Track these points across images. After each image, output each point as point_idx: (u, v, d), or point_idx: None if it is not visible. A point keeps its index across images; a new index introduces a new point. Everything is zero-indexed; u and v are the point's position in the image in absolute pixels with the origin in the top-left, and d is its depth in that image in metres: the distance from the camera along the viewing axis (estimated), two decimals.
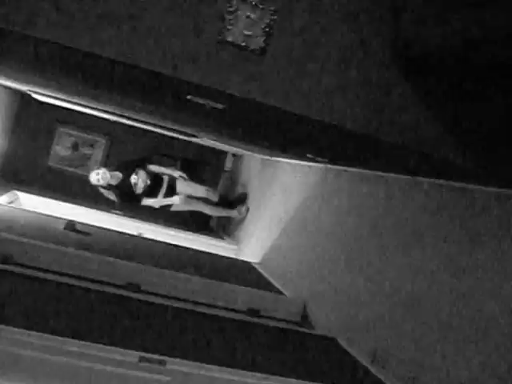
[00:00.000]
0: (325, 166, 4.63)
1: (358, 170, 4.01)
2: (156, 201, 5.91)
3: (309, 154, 3.96)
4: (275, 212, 5.57)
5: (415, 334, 2.83)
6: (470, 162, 2.16)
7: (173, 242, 5.75)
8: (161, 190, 5.91)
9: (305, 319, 4.05)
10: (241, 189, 6.74)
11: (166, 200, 5.93)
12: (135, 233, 5.76)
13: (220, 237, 7.49)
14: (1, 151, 7.56)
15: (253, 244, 6.07)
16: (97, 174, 5.73)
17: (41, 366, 2.25)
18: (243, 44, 1.83)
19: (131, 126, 7.53)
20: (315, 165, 4.84)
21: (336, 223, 4.11)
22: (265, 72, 1.89)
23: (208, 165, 8.16)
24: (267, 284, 4.67)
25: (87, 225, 5.19)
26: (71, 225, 4.84)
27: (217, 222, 8.54)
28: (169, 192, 5.96)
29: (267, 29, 1.84)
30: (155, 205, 5.94)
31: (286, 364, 2.90)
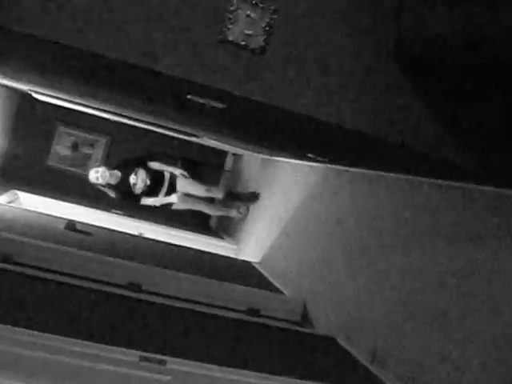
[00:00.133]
0: (325, 166, 4.63)
1: (359, 170, 4.01)
2: (155, 200, 5.87)
3: (309, 154, 3.97)
4: (275, 211, 5.57)
5: (415, 334, 2.83)
6: (470, 162, 2.16)
7: (173, 242, 5.76)
8: (162, 190, 5.86)
9: (305, 319, 4.05)
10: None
11: (165, 199, 5.89)
12: (136, 232, 5.76)
13: (220, 236, 7.50)
14: (1, 150, 7.56)
15: (253, 243, 6.07)
16: (96, 172, 5.63)
17: (41, 366, 2.25)
18: (243, 43, 1.83)
19: (131, 126, 7.53)
20: (316, 164, 4.84)
21: (336, 223, 4.11)
22: (265, 71, 1.89)
23: (208, 165, 8.16)
24: (267, 284, 4.67)
25: (87, 224, 5.19)
26: (71, 224, 4.84)
27: (217, 222, 8.54)
28: (170, 191, 5.91)
29: (267, 28, 1.84)
30: (155, 203, 5.90)
31: (286, 363, 2.90)
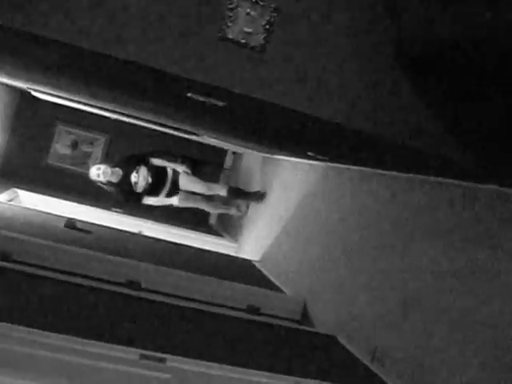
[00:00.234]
0: (325, 164, 4.63)
1: (359, 169, 4.01)
2: (157, 200, 5.82)
3: (309, 152, 3.96)
4: (275, 210, 5.57)
5: (415, 333, 2.83)
6: (470, 162, 2.16)
7: (173, 240, 5.76)
8: (164, 188, 5.79)
9: (305, 317, 4.05)
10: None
11: (166, 200, 5.84)
12: (135, 231, 5.76)
13: (220, 234, 7.50)
14: (0, 149, 7.56)
15: (253, 242, 6.07)
16: (97, 169, 5.50)
17: (41, 364, 2.25)
18: (243, 41, 1.83)
19: (131, 124, 7.52)
20: (316, 163, 4.84)
21: (336, 221, 4.11)
22: (265, 69, 1.88)
23: (208, 163, 8.15)
24: (267, 282, 4.67)
25: (87, 223, 5.19)
26: (71, 223, 4.84)
27: (216, 220, 8.54)
28: (172, 189, 5.83)
29: (267, 26, 1.83)
30: (156, 204, 5.86)
31: (286, 362, 2.90)
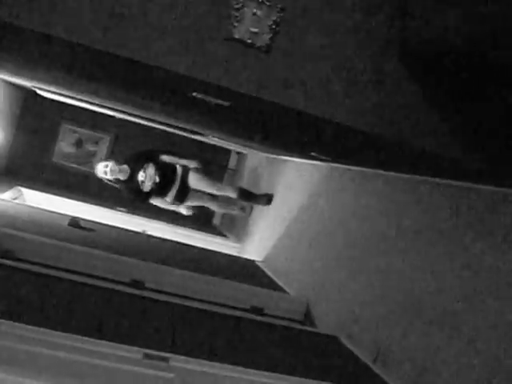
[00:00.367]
0: (328, 165, 4.63)
1: (362, 169, 4.01)
2: (164, 202, 5.66)
3: (313, 153, 3.96)
4: (279, 210, 5.57)
5: (417, 334, 2.83)
6: (471, 162, 2.16)
7: (176, 240, 5.76)
8: (173, 187, 5.61)
9: (308, 317, 4.05)
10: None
11: (173, 207, 5.68)
12: (139, 230, 5.76)
13: (223, 235, 7.51)
14: (5, 147, 7.58)
15: (256, 242, 6.07)
16: (105, 167, 5.23)
17: (44, 362, 2.25)
18: (249, 41, 1.83)
19: (136, 123, 7.54)
20: (319, 163, 4.84)
21: (340, 222, 4.11)
22: (270, 69, 1.88)
23: (213, 163, 8.16)
24: (270, 282, 4.68)
25: (91, 221, 5.20)
26: (75, 221, 4.86)
27: (220, 220, 8.55)
28: (182, 188, 5.66)
29: (274, 26, 1.84)
30: (163, 206, 5.73)
31: (289, 362, 2.90)
